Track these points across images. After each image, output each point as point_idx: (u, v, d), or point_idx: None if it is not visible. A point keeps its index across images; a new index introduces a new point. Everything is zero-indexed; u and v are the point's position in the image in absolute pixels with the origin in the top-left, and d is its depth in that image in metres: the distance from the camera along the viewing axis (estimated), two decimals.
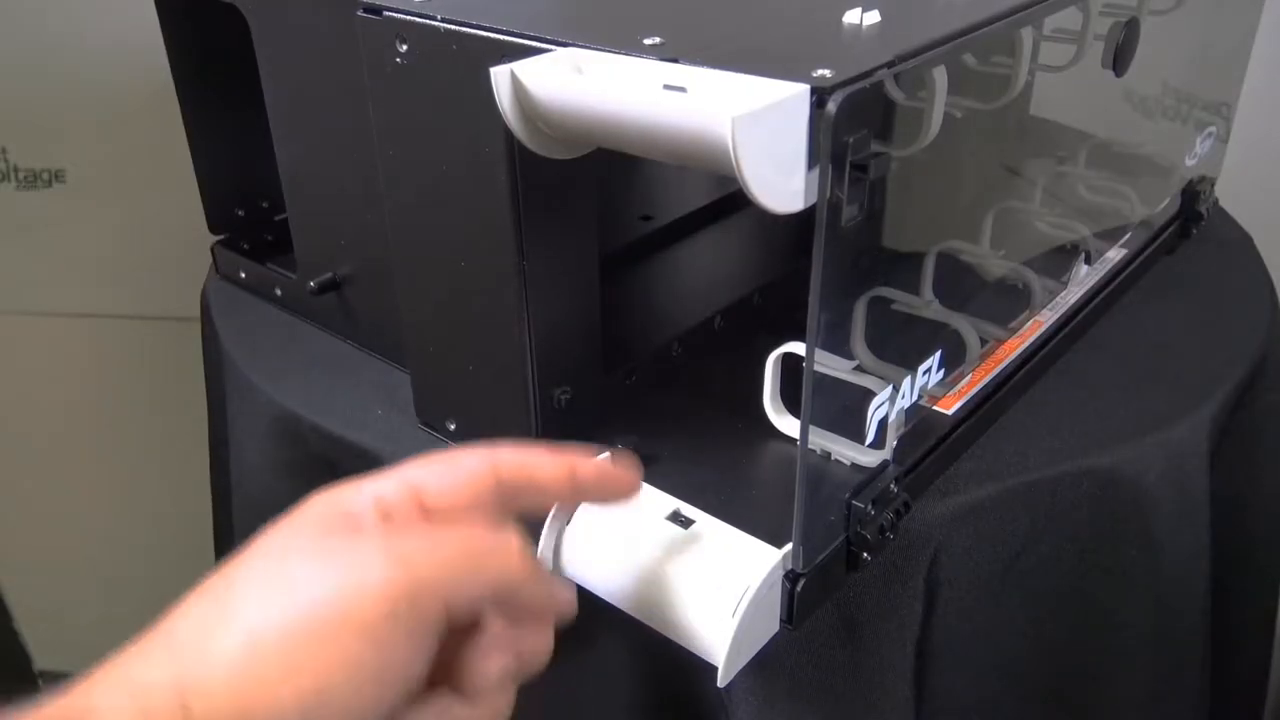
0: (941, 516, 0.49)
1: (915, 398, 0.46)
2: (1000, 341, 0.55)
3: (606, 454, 0.45)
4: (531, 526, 0.41)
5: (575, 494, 0.39)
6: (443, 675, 0.34)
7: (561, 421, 0.51)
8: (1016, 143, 0.54)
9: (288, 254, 0.66)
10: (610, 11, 0.46)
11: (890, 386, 0.44)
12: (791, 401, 0.50)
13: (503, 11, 0.44)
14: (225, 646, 0.29)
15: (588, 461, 0.38)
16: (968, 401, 0.51)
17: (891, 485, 0.44)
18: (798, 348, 0.47)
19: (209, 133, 0.70)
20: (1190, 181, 0.71)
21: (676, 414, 0.54)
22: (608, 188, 0.74)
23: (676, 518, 0.45)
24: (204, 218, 0.73)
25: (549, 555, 0.46)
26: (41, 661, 1.37)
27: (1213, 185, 0.75)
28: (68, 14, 1.00)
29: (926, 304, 0.47)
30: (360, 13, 0.47)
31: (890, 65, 0.37)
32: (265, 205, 0.74)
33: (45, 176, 1.08)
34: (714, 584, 0.41)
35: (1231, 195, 0.78)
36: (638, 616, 0.44)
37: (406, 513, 0.34)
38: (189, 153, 0.70)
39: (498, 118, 0.41)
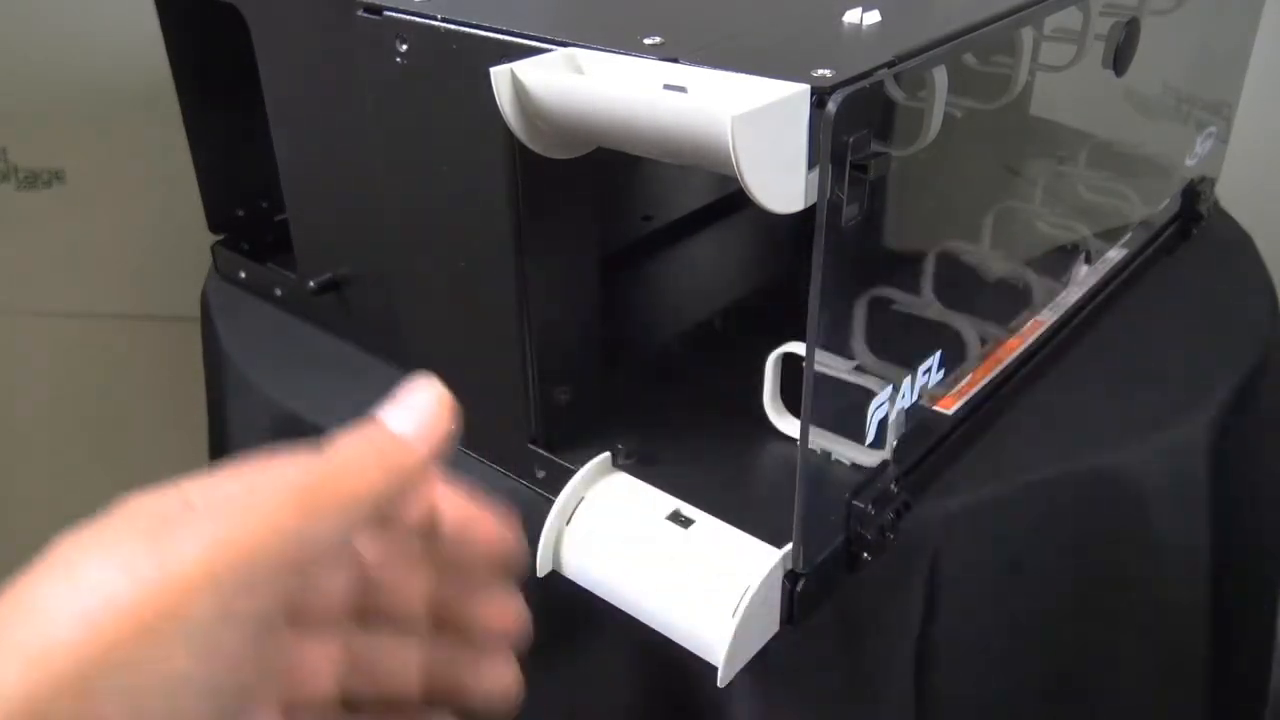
0: (941, 517, 0.49)
1: (915, 398, 0.46)
2: (1000, 341, 0.55)
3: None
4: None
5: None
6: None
7: (561, 421, 0.51)
8: (1016, 143, 0.53)
9: (288, 254, 0.66)
10: (610, 11, 0.46)
11: (890, 386, 0.44)
12: (791, 401, 0.50)
13: (503, 11, 0.44)
14: (6, 679, 0.22)
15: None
16: (968, 401, 0.51)
17: (892, 485, 0.44)
18: (798, 348, 0.47)
19: (209, 133, 0.70)
20: (1190, 182, 0.71)
21: (676, 414, 0.54)
22: (608, 188, 0.74)
23: (676, 518, 0.45)
24: (204, 218, 0.73)
25: (549, 556, 0.46)
26: None
27: (1213, 185, 0.75)
28: (67, 14, 1.00)
29: (926, 304, 0.47)
30: (360, 13, 0.47)
31: (890, 65, 0.37)
32: (265, 205, 0.74)
33: (45, 176, 1.07)
34: (714, 584, 0.41)
35: (1231, 195, 0.78)
36: (638, 616, 0.44)
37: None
38: (189, 153, 0.70)
39: (498, 118, 0.41)
